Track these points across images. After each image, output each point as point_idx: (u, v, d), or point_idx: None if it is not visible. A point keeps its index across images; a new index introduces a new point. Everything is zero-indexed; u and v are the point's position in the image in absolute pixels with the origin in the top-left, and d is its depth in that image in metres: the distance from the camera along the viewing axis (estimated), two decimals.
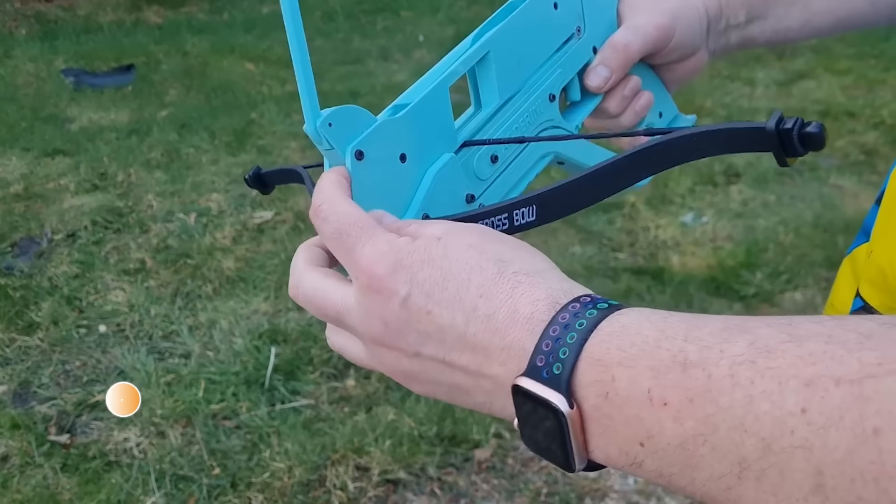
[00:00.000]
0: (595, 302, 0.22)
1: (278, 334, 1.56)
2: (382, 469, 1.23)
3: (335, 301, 0.26)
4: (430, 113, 0.32)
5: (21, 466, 1.28)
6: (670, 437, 0.19)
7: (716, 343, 0.19)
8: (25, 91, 2.98)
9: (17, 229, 2.01)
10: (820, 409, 0.17)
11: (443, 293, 0.23)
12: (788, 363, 0.18)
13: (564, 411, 0.20)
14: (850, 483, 0.16)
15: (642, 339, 0.20)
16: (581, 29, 0.38)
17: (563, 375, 0.20)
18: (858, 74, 2.86)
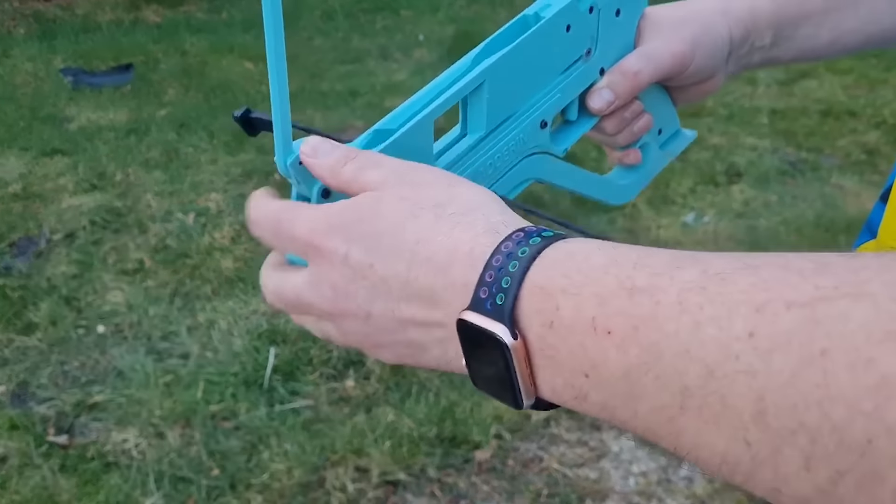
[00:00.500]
0: (540, 231, 0.21)
1: (277, 335, 1.56)
2: (382, 470, 1.23)
3: (293, 285, 0.26)
4: (408, 146, 0.31)
5: (19, 467, 1.28)
6: (614, 367, 0.19)
7: (666, 270, 0.19)
8: (23, 90, 2.97)
9: (15, 229, 2.00)
10: (768, 333, 0.16)
11: (380, 246, 0.23)
12: (740, 289, 0.17)
13: (508, 343, 0.20)
14: (793, 408, 0.15)
15: (589, 266, 0.20)
16: (591, 51, 0.36)
17: (505, 306, 0.20)
18: (860, 74, 2.86)
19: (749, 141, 2.40)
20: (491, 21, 3.68)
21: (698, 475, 1.25)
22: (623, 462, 1.26)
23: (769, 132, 2.47)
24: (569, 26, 0.34)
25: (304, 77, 3.06)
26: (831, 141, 2.42)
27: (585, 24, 0.35)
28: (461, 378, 1.52)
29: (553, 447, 1.29)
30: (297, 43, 3.48)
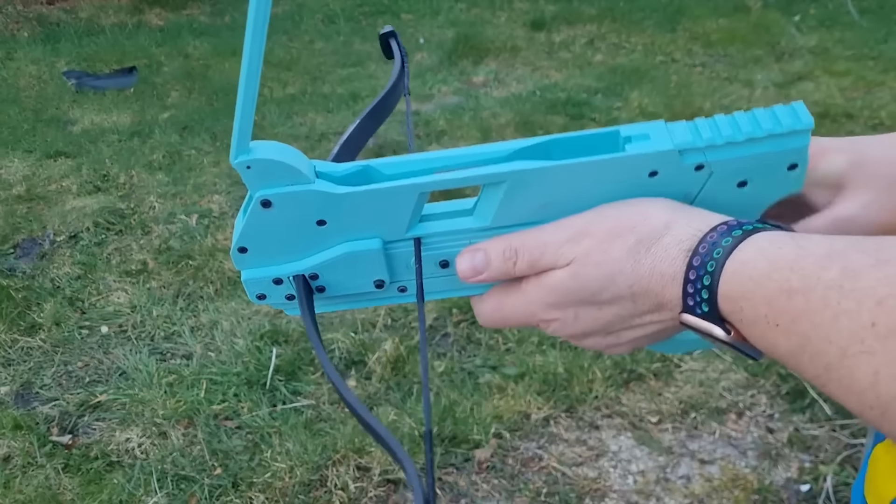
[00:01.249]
0: (721, 236, 0.27)
1: (279, 335, 1.57)
2: (383, 469, 1.24)
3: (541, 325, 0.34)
4: (380, 202, 0.30)
5: (23, 467, 1.29)
6: (783, 349, 0.25)
7: (814, 272, 0.24)
8: (27, 93, 2.99)
9: (19, 231, 2.02)
10: (885, 322, 0.21)
11: (602, 299, 0.30)
12: (868, 285, 0.22)
13: (726, 339, 0.27)
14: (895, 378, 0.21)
15: (758, 274, 0.26)
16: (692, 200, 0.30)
17: (712, 311, 0.27)
18: (857, 76, 2.87)
19: None
20: (491, 25, 3.70)
21: (696, 474, 1.25)
22: (622, 461, 1.27)
23: None
24: (654, 172, 0.29)
25: (306, 80, 3.08)
26: None
27: (682, 178, 0.30)
28: (461, 378, 1.53)
29: (552, 446, 1.30)
30: (299, 46, 3.50)
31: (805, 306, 0.24)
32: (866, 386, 0.22)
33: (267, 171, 0.29)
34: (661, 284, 0.28)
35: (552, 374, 1.42)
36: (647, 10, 3.74)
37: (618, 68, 3.05)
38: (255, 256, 0.32)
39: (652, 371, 1.44)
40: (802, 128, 0.29)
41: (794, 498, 1.19)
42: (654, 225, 0.28)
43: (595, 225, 0.29)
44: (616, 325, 0.31)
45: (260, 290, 0.33)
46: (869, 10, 3.61)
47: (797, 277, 0.24)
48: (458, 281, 0.33)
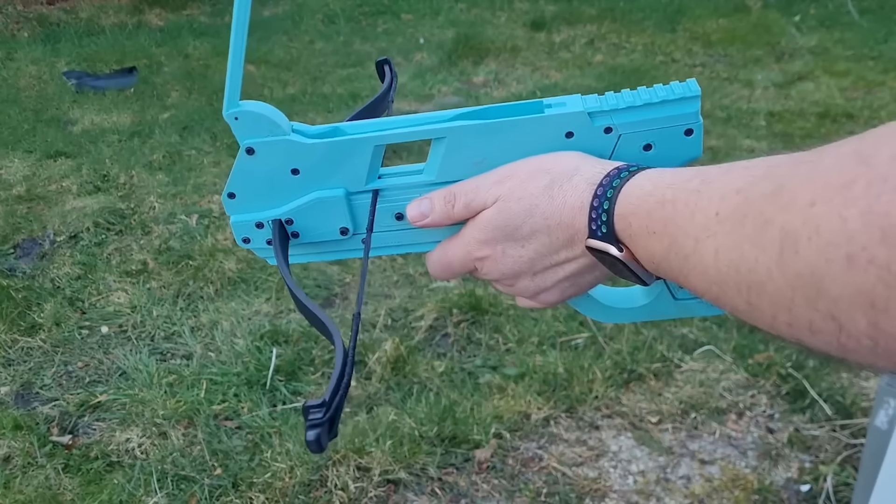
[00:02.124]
0: (620, 172, 0.32)
1: (279, 335, 1.57)
2: (383, 469, 1.24)
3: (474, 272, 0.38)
4: (342, 154, 0.35)
5: (23, 467, 1.29)
6: (658, 253, 0.30)
7: (682, 184, 0.29)
8: (28, 93, 2.99)
9: (19, 231, 2.02)
10: (724, 211, 0.26)
11: (522, 234, 0.34)
12: (717, 187, 0.28)
13: (619, 255, 0.31)
14: (731, 246, 0.26)
15: (644, 192, 0.31)
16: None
17: (609, 231, 0.32)
18: (857, 76, 2.87)
19: (746, 143, 2.41)
20: (491, 25, 3.70)
21: (696, 474, 1.25)
22: (622, 461, 1.27)
23: (766, 134, 2.48)
24: (570, 133, 0.35)
25: (306, 80, 3.08)
26: (828, 143, 2.43)
27: (594, 140, 0.34)
28: (461, 378, 1.53)
29: (552, 446, 1.30)
30: (299, 46, 3.50)
31: (673, 211, 0.29)
32: (710, 264, 0.27)
33: (252, 122, 0.35)
34: (572, 216, 0.33)
35: (552, 375, 1.42)
36: (647, 11, 3.74)
37: (618, 68, 3.05)
38: (242, 202, 0.38)
39: (652, 371, 1.44)
40: (691, 95, 0.34)
41: (794, 498, 1.19)
42: (566, 167, 0.34)
43: (517, 169, 0.35)
44: (538, 262, 0.35)
45: (245, 234, 0.39)
46: (869, 11, 3.61)
47: (671, 191, 0.29)
48: (412, 234, 0.38)
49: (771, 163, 0.26)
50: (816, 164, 0.23)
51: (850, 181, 0.21)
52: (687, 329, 1.54)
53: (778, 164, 0.26)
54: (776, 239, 0.23)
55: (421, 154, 2.67)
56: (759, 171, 0.26)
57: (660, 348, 1.48)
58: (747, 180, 0.26)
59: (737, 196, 0.26)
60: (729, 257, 0.26)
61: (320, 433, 0.26)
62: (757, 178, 0.26)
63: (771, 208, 0.24)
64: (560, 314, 1.59)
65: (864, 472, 0.95)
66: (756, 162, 0.27)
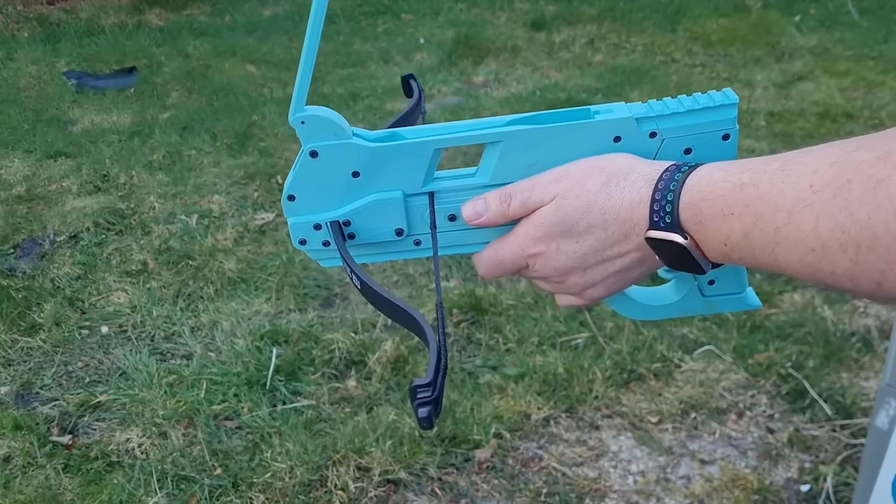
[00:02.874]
0: (679, 167, 0.34)
1: (279, 335, 1.57)
2: (383, 469, 1.24)
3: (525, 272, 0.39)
4: (402, 157, 0.37)
5: (23, 467, 1.29)
6: (738, 232, 0.31)
7: (760, 166, 0.31)
8: (28, 93, 2.99)
9: (19, 231, 2.02)
10: (819, 182, 0.28)
11: (579, 230, 0.35)
12: (803, 163, 0.29)
13: (684, 243, 0.33)
14: (833, 216, 0.27)
15: (714, 180, 0.32)
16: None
17: (673, 221, 0.33)
18: (857, 76, 2.87)
19: (746, 143, 2.41)
20: (491, 25, 3.70)
21: (696, 474, 1.25)
22: (622, 461, 1.27)
23: (766, 134, 2.48)
24: (618, 138, 0.37)
25: None
26: None
27: (640, 144, 0.37)
28: (461, 378, 1.52)
29: (552, 446, 1.30)
30: (299, 46, 3.50)
31: (755, 192, 0.30)
32: (809, 231, 0.28)
33: (316, 126, 0.36)
34: (630, 210, 0.34)
35: (552, 375, 1.42)
36: (647, 11, 3.74)
37: (618, 68, 3.05)
38: (302, 204, 0.39)
39: (652, 371, 1.44)
40: (730, 102, 0.36)
41: (794, 498, 1.19)
42: (621, 166, 0.35)
43: (573, 168, 0.36)
44: (591, 258, 0.36)
45: (302, 235, 0.40)
46: (869, 11, 3.61)
47: (748, 175, 0.30)
48: (464, 235, 0.40)
49: (857, 141, 0.28)
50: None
51: None
52: (687, 329, 1.54)
53: (869, 139, 0.27)
54: (893, 195, 0.24)
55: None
56: (851, 145, 0.27)
57: (660, 348, 1.48)
58: (838, 155, 0.27)
59: (831, 169, 0.27)
60: (834, 220, 0.26)
61: (430, 410, 0.27)
62: (850, 150, 0.27)
63: (881, 170, 0.25)
64: (560, 314, 1.59)
65: (864, 472, 0.95)
66: (832, 143, 0.29)
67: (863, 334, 1.52)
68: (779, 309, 1.65)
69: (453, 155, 2.20)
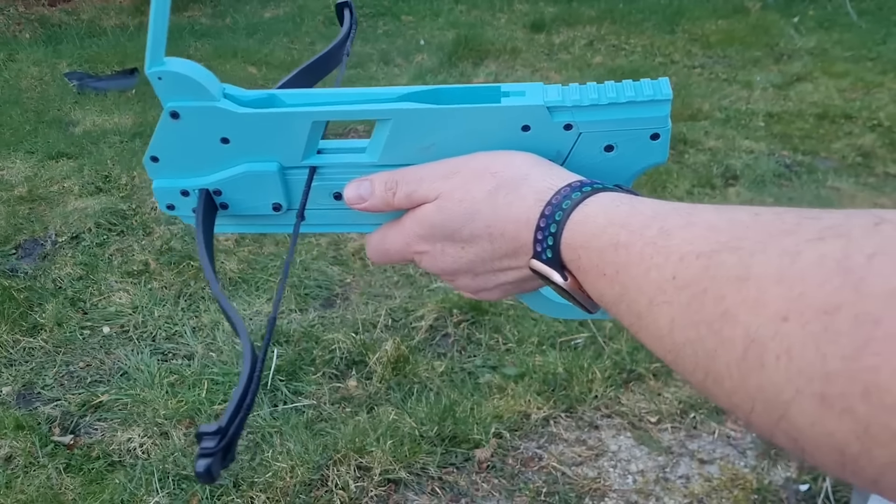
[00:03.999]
0: (573, 189, 0.30)
1: (280, 335, 1.58)
2: (384, 469, 1.24)
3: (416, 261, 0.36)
4: (277, 127, 0.32)
5: (25, 467, 1.29)
6: (608, 298, 0.28)
7: (638, 229, 0.27)
8: (29, 94, 3.00)
9: (21, 231, 2.02)
10: (682, 275, 0.24)
11: (462, 236, 0.32)
12: (675, 243, 0.25)
13: (563, 284, 0.30)
14: (685, 325, 0.24)
15: (596, 227, 0.28)
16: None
17: (555, 257, 0.30)
18: (856, 77, 2.88)
19: (745, 144, 2.41)
20: (491, 26, 3.71)
21: (695, 474, 1.26)
22: (621, 461, 1.28)
23: (765, 135, 2.49)
24: (527, 127, 0.32)
25: None
26: (827, 144, 2.44)
27: (552, 135, 0.32)
28: (461, 378, 1.53)
29: (552, 446, 1.31)
30: (300, 48, 3.51)
31: (627, 259, 0.27)
32: (665, 332, 0.24)
33: (177, 84, 0.31)
34: (517, 229, 0.31)
35: (552, 374, 1.43)
36: (646, 12, 3.75)
37: (617, 69, 3.06)
38: (166, 167, 0.35)
39: (651, 371, 1.44)
40: (662, 98, 0.31)
41: (793, 497, 1.20)
42: (515, 173, 0.31)
43: (464, 166, 0.32)
44: (479, 266, 0.33)
45: (169, 201, 0.36)
46: (867, 12, 3.62)
47: (625, 233, 0.27)
48: (350, 214, 0.36)
49: (738, 224, 0.23)
50: (793, 255, 0.20)
51: (833, 307, 0.18)
52: None
53: (745, 232, 0.23)
54: (739, 339, 0.21)
55: None
56: (725, 235, 0.23)
57: None
58: (710, 244, 0.23)
59: (697, 262, 0.23)
60: (685, 335, 0.23)
61: (211, 464, 0.23)
62: (721, 245, 0.23)
63: (734, 299, 0.21)
64: None
65: None
66: (722, 215, 0.24)
67: None
68: None
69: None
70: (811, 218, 0.21)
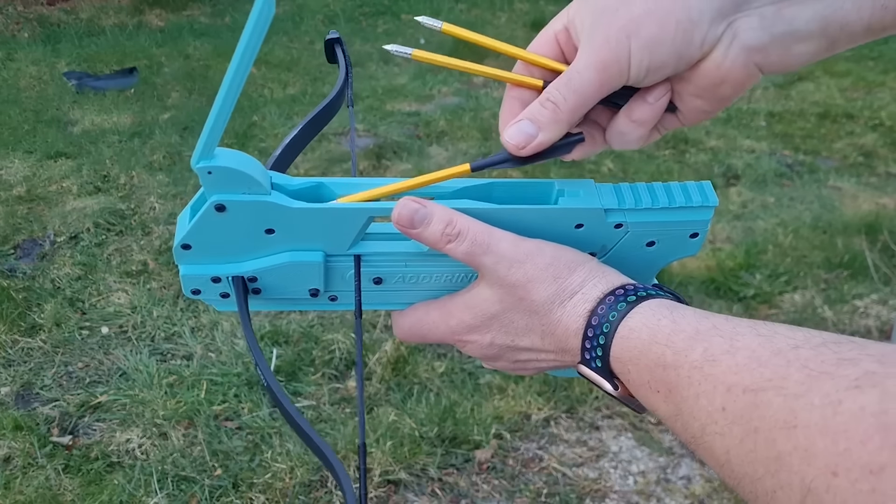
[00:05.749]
0: (617, 299, 0.31)
1: (280, 335, 1.57)
2: (384, 469, 1.24)
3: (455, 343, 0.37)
4: (329, 221, 0.32)
5: (23, 468, 1.29)
6: (663, 413, 0.29)
7: (683, 349, 0.28)
8: (28, 94, 2.99)
9: (19, 231, 2.02)
10: (732, 409, 0.25)
11: (516, 331, 0.34)
12: (721, 371, 0.26)
13: (614, 393, 0.31)
14: (742, 460, 0.24)
15: (641, 343, 0.29)
16: (595, 255, 0.35)
17: (604, 366, 0.31)
18: (857, 77, 2.87)
19: (746, 143, 2.41)
20: (491, 25, 3.70)
21: (696, 475, 1.25)
22: (622, 462, 1.27)
23: (767, 135, 2.48)
24: (580, 225, 0.34)
25: (306, 80, 3.08)
26: (828, 143, 2.43)
27: (603, 233, 0.34)
28: (461, 378, 1.52)
29: (553, 447, 1.30)
30: (299, 47, 3.50)
31: (676, 380, 0.27)
32: (723, 461, 0.25)
33: (227, 178, 0.30)
34: (566, 336, 0.32)
35: (552, 376, 1.42)
36: None
37: None
38: (198, 254, 0.33)
39: None
40: (708, 205, 0.34)
41: None
42: (573, 282, 0.32)
43: (530, 259, 0.32)
44: (523, 355, 0.34)
45: (197, 286, 0.34)
46: None
47: (671, 353, 0.28)
48: (387, 296, 0.36)
49: (780, 358, 0.24)
50: (834, 405, 0.21)
51: (878, 466, 0.19)
52: None
53: (787, 370, 0.23)
54: (796, 487, 0.22)
55: (421, 155, 2.63)
56: (769, 371, 0.24)
57: None
58: (755, 378, 0.24)
59: (744, 397, 0.24)
60: (744, 469, 0.24)
61: None
62: (766, 383, 0.23)
63: (786, 446, 0.22)
64: None
65: None
66: (764, 344, 0.25)
67: (863, 334, 1.52)
68: (779, 309, 1.65)
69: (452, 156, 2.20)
70: (848, 360, 0.22)
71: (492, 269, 0.32)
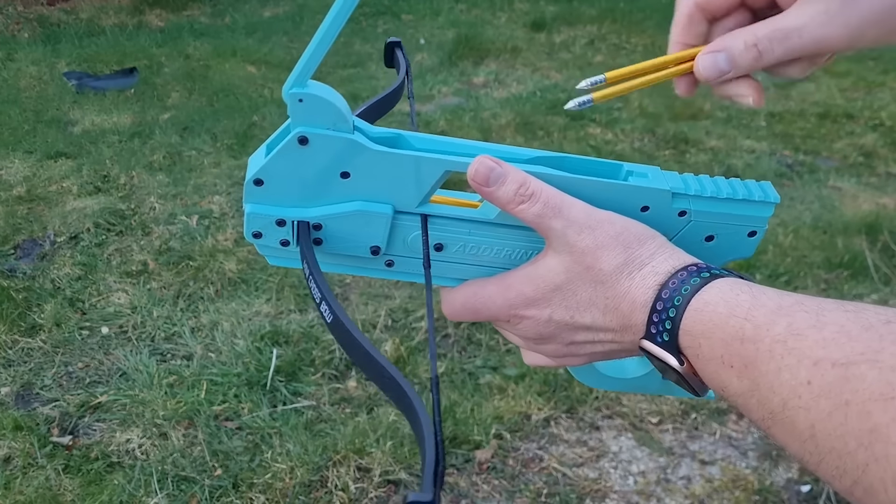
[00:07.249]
0: (690, 274, 0.30)
1: (280, 336, 1.57)
2: (384, 469, 1.24)
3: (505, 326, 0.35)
4: (406, 169, 0.31)
5: (23, 468, 1.29)
6: (735, 389, 0.28)
7: (764, 323, 0.27)
8: (28, 94, 2.99)
9: (19, 231, 2.02)
10: (819, 383, 0.24)
11: (578, 304, 0.32)
12: (808, 345, 0.25)
13: (679, 369, 0.30)
14: (830, 435, 0.24)
15: (718, 316, 0.28)
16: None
17: (671, 341, 0.30)
18: (857, 77, 2.87)
19: (747, 143, 2.41)
20: (491, 25, 3.70)
21: (696, 475, 1.25)
22: (622, 462, 1.27)
23: (767, 135, 2.48)
24: (646, 207, 0.33)
25: None
26: (829, 143, 2.43)
27: (667, 219, 0.33)
28: (461, 378, 1.53)
29: (553, 447, 1.30)
30: (300, 47, 3.50)
31: (755, 355, 0.27)
32: (806, 437, 0.25)
33: (316, 109, 0.30)
34: (632, 310, 0.31)
35: (553, 375, 1.42)
36: (647, 11, 3.74)
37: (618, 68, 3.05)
38: (270, 193, 0.32)
39: None
40: (771, 201, 0.34)
41: (794, 498, 1.19)
42: (643, 252, 0.31)
43: (600, 226, 0.32)
44: (580, 335, 0.33)
45: (259, 228, 0.33)
46: None
47: (750, 326, 0.27)
48: (444, 268, 0.35)
49: (871, 332, 0.24)
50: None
51: None
52: None
53: (881, 343, 0.23)
54: (894, 458, 0.21)
55: None
56: (860, 345, 0.24)
57: None
58: (846, 353, 0.24)
59: (833, 370, 0.24)
60: (831, 444, 0.23)
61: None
62: (858, 356, 0.23)
63: (883, 417, 0.22)
64: None
65: None
66: (853, 319, 0.24)
67: None
68: None
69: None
70: None
71: (561, 234, 0.31)
